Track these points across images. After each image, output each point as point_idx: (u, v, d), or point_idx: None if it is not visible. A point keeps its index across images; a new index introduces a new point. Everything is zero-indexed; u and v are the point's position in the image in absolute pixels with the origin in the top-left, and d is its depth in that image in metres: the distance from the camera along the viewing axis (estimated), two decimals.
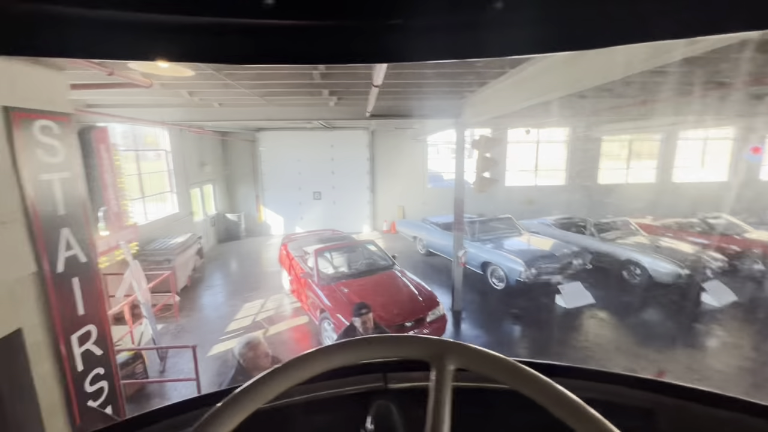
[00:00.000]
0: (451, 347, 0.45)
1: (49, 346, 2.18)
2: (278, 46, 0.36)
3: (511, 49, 0.41)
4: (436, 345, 0.46)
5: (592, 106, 6.36)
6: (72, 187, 2.37)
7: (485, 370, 0.44)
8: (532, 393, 0.41)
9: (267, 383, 0.42)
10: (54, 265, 2.20)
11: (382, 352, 0.47)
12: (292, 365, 0.44)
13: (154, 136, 9.41)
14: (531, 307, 7.02)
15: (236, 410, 0.40)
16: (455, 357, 0.44)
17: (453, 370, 0.44)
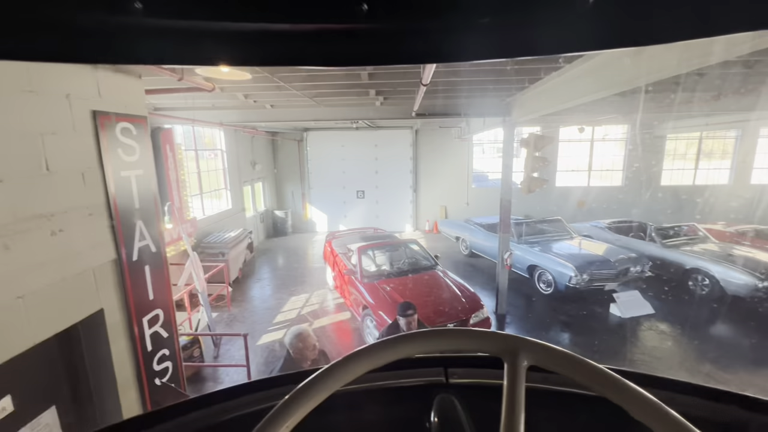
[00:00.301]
0: (526, 343, 0.45)
1: (124, 326, 2.42)
2: (371, 49, 0.38)
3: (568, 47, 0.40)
4: (509, 340, 0.46)
5: (657, 102, 5.88)
6: (145, 184, 2.60)
7: (562, 369, 0.43)
8: (618, 399, 0.40)
9: (345, 367, 0.44)
10: (130, 253, 2.44)
11: (452, 345, 0.47)
12: (367, 351, 0.46)
13: (212, 136, 10.06)
14: (582, 314, 6.65)
15: (317, 391, 0.42)
16: (530, 354, 0.44)
17: (526, 368, 0.44)
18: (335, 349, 5.61)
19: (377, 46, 0.39)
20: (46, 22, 0.34)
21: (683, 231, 8.45)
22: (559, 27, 0.37)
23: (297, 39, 0.38)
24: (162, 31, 0.36)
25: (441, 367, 0.71)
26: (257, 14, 0.35)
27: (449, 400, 0.64)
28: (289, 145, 13.25)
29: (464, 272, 8.75)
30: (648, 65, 2.94)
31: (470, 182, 13.22)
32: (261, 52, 0.39)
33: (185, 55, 0.39)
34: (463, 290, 5.60)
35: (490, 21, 0.36)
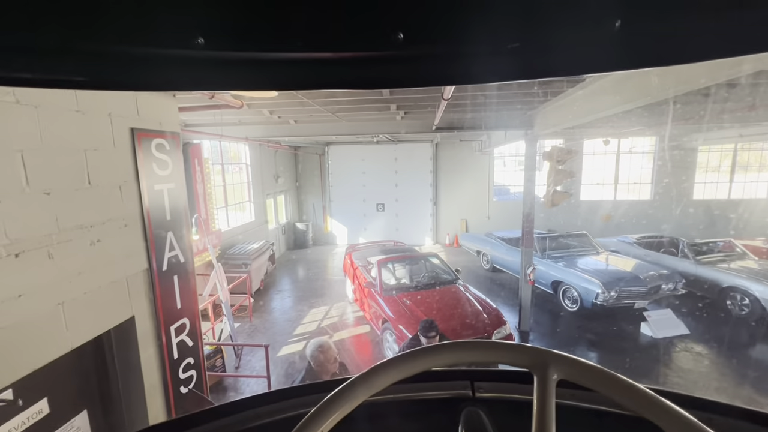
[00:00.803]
0: (556, 357, 0.45)
1: (153, 334, 2.50)
2: (406, 73, 0.41)
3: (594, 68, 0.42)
4: (539, 353, 0.46)
5: (685, 114, 5.71)
6: (176, 196, 2.72)
7: (595, 384, 0.43)
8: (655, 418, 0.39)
9: (374, 376, 0.46)
10: (160, 263, 2.54)
11: (481, 357, 0.48)
12: (395, 362, 0.47)
13: (237, 151, 10.41)
14: (610, 333, 6.38)
15: (347, 399, 0.44)
16: (560, 367, 0.44)
17: (556, 382, 0.44)
18: (355, 363, 5.58)
19: (412, 70, 0.41)
20: (120, 56, 0.39)
21: (719, 247, 8.04)
22: (585, 49, 0.39)
23: (339, 65, 0.41)
24: (221, 62, 0.40)
25: (467, 380, 0.71)
26: (304, 45, 0.38)
27: (476, 414, 0.64)
28: (311, 158, 13.53)
29: (486, 287, 8.59)
30: (674, 78, 2.88)
31: (491, 195, 13.08)
32: (305, 78, 0.43)
33: (241, 83, 0.43)
34: (484, 305, 5.49)
35: (519, 45, 0.38)
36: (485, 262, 10.06)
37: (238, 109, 3.37)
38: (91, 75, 0.40)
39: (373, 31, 0.37)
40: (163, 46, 0.37)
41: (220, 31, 0.37)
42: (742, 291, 6.72)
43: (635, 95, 3.25)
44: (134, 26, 0.36)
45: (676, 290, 6.90)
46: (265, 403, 0.74)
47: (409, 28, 0.36)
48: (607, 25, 0.36)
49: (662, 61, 0.40)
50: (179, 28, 0.36)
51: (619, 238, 9.39)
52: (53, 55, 0.37)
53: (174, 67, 0.40)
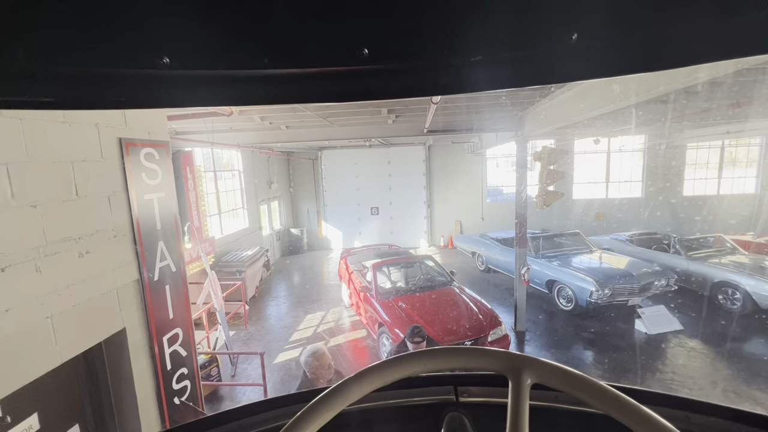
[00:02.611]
0: (529, 361, 0.46)
1: (145, 345, 2.47)
2: (373, 86, 0.42)
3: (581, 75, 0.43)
4: (512, 358, 0.46)
5: (675, 111, 5.80)
6: (166, 206, 2.70)
7: (566, 387, 0.43)
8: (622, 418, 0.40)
9: (352, 385, 0.46)
10: (152, 273, 2.51)
11: (457, 363, 0.48)
12: (372, 371, 0.47)
13: (229, 158, 10.37)
14: (605, 330, 6.42)
15: (326, 409, 0.44)
16: (533, 372, 0.45)
17: (530, 386, 0.44)
18: (351, 368, 5.55)
19: (379, 83, 0.42)
20: (88, 76, 0.39)
21: (709, 242, 8.15)
22: (544, 60, 0.40)
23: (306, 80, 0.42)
24: (187, 79, 0.40)
25: (451, 385, 0.71)
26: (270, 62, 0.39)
27: (459, 419, 0.64)
28: (304, 164, 13.52)
29: (481, 288, 8.62)
30: (658, 78, 2.93)
31: (485, 197, 13.15)
32: (274, 93, 0.43)
33: (206, 98, 0.44)
34: (480, 307, 5.50)
35: (482, 59, 0.39)
36: (480, 263, 10.10)
37: (228, 116, 3.37)
38: (57, 95, 0.40)
39: (339, 48, 0.38)
40: (128, 66, 0.38)
41: (185, 50, 0.38)
42: (732, 285, 6.81)
43: (622, 96, 3.30)
44: (99, 48, 0.36)
45: (669, 286, 6.97)
46: (250, 414, 0.74)
47: (373, 44, 0.37)
48: (564, 38, 0.37)
49: (617, 71, 0.42)
50: (143, 48, 0.37)
51: (612, 236, 9.48)
52: (24, 77, 0.38)
53: (140, 86, 0.40)
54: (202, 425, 0.73)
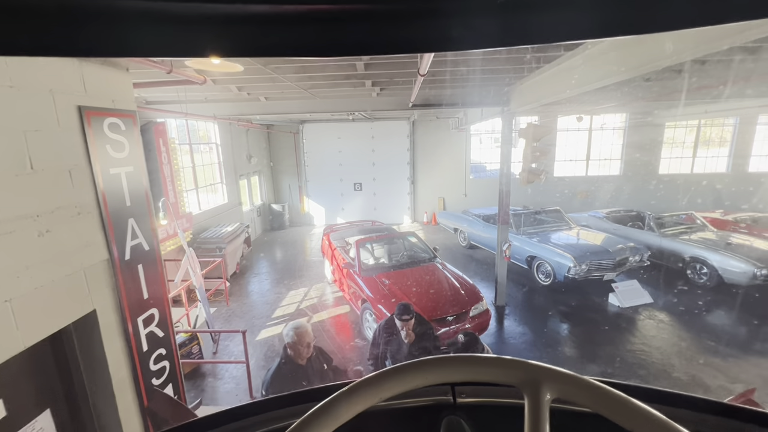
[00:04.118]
0: (549, 373, 0.40)
1: (119, 327, 2.37)
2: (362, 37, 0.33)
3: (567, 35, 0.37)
4: (529, 370, 0.41)
5: (658, 90, 5.81)
6: (136, 180, 2.53)
7: (593, 404, 0.38)
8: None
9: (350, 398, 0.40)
10: (122, 252, 2.38)
11: (468, 374, 0.43)
12: (372, 382, 0.41)
13: (206, 130, 9.92)
14: (580, 304, 6.66)
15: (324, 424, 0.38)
16: (554, 386, 0.39)
17: (550, 401, 0.39)
18: (335, 343, 5.60)
19: (371, 31, 0.33)
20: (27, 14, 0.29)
21: (681, 220, 8.46)
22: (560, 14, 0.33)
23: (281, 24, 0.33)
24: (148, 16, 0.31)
25: (448, 386, 0.66)
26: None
27: (457, 422, 0.59)
28: (285, 137, 13.12)
29: (463, 264, 8.75)
30: (649, 54, 2.87)
31: (468, 173, 13.16)
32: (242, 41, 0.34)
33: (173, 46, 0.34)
34: (462, 282, 5.58)
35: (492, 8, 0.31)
36: (462, 239, 10.21)
37: (201, 85, 3.14)
38: None
39: None
40: None
41: None
42: (701, 261, 7.12)
43: (610, 72, 3.24)
44: None
45: (642, 262, 7.24)
46: (245, 416, 0.67)
47: None
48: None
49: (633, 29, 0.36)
50: None
51: (590, 213, 9.70)
52: None
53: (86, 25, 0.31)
54: (194, 428, 0.67)
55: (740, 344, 5.36)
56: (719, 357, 5.00)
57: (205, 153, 9.93)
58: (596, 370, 4.79)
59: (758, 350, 5.20)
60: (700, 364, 4.87)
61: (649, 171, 12.87)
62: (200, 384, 4.76)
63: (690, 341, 5.44)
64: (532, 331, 5.91)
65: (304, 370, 2.62)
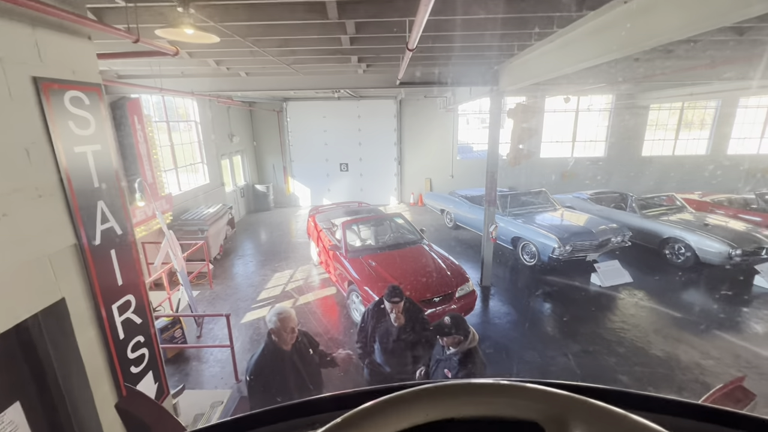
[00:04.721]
0: (576, 406, 0.33)
1: (91, 315, 2.25)
2: None
3: None
4: (551, 400, 0.33)
5: (646, 70, 5.77)
6: (104, 160, 2.36)
7: None
8: None
9: None
10: (92, 237, 2.23)
11: (463, 407, 0.35)
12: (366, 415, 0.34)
13: (184, 107, 9.49)
14: (563, 284, 6.80)
15: None
16: (583, 423, 0.32)
17: None
18: (321, 326, 5.58)
19: None
20: None
21: (662, 201, 8.63)
22: None
23: None
24: None
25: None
26: None
27: None
28: (268, 116, 12.70)
29: (450, 245, 8.78)
30: (642, 31, 2.79)
31: (455, 154, 13.08)
32: None
33: None
34: (448, 264, 5.58)
35: None
36: (449, 220, 10.23)
37: (173, 57, 2.91)
38: None
39: None
40: None
41: None
42: (679, 241, 7.31)
43: (603, 50, 3.16)
44: None
45: (624, 242, 7.39)
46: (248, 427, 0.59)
47: None
48: None
49: None
50: None
51: (575, 194, 9.81)
52: None
53: None
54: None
55: (713, 321, 5.57)
56: (693, 334, 5.19)
57: (184, 132, 9.53)
58: (577, 348, 4.91)
59: (730, 327, 5.42)
60: (676, 340, 5.05)
61: (633, 153, 13.03)
62: (184, 368, 4.69)
63: (667, 319, 5.62)
64: (517, 310, 6.01)
65: (288, 355, 2.57)
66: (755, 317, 5.67)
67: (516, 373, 4.48)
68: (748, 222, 7.85)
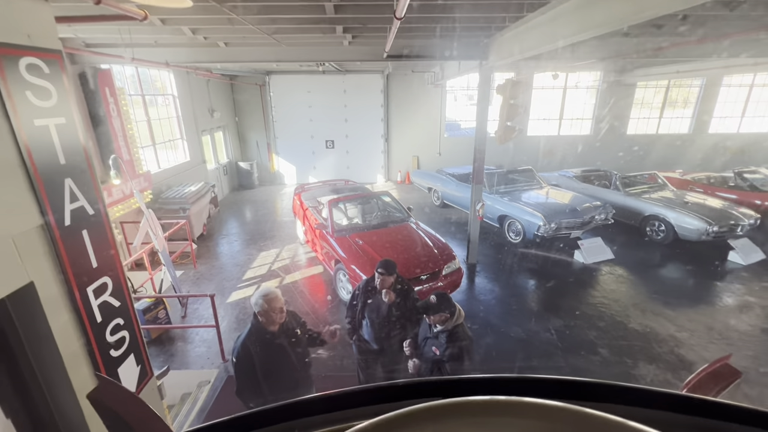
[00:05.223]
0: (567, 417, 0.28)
1: (64, 298, 2.15)
2: None
3: None
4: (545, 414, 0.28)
5: (636, 46, 5.70)
6: (70, 134, 2.19)
7: None
8: None
9: None
10: (60, 217, 2.10)
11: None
12: None
13: (161, 80, 9.02)
14: (547, 261, 6.92)
15: None
16: None
17: None
18: (309, 304, 5.57)
19: None
20: None
21: (644, 179, 8.76)
22: None
23: None
24: None
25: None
26: None
27: None
28: (251, 90, 12.23)
29: (437, 223, 8.80)
30: (633, 5, 2.71)
31: (443, 131, 12.92)
32: None
33: None
34: (435, 242, 5.59)
35: None
36: (436, 198, 10.21)
37: (143, 23, 2.68)
38: None
39: None
40: None
41: None
42: (660, 218, 7.49)
43: (596, 23, 3.06)
44: None
45: (607, 220, 7.52)
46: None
47: None
48: None
49: None
50: None
51: (561, 173, 9.88)
52: None
53: None
54: None
55: (689, 296, 5.79)
56: (670, 308, 5.38)
57: (162, 106, 9.10)
58: (559, 323, 5.05)
59: (705, 301, 5.65)
60: (653, 314, 5.24)
61: (618, 131, 13.11)
62: (170, 349, 4.64)
63: (645, 294, 5.81)
64: (501, 287, 6.11)
65: (276, 336, 2.53)
66: (728, 291, 5.91)
67: (502, 348, 4.58)
68: (725, 200, 8.07)
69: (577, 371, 4.14)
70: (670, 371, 4.14)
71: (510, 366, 4.25)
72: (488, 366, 4.23)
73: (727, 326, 4.96)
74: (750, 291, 5.84)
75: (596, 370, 4.18)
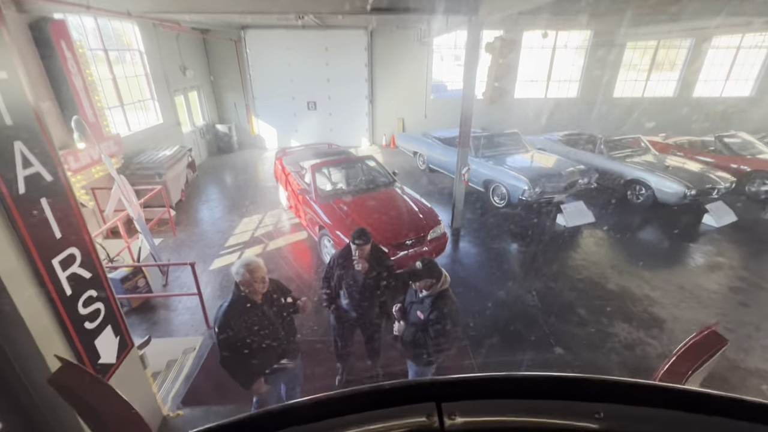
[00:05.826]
0: None
1: (27, 272, 2.02)
2: None
3: None
4: None
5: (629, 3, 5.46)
6: (15, 92, 1.96)
7: None
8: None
9: None
10: (12, 186, 1.92)
11: None
12: None
13: (125, 34, 8.29)
14: (531, 225, 7.01)
15: None
16: None
17: None
18: (294, 271, 5.54)
19: None
20: None
21: (628, 143, 8.79)
22: None
23: None
24: None
25: (432, 401, 0.48)
26: None
27: None
28: (226, 46, 11.44)
29: (422, 188, 8.72)
30: None
31: (429, 93, 12.52)
32: None
33: None
34: (420, 207, 5.54)
35: None
36: (421, 162, 10.07)
37: None
38: None
39: None
40: None
41: None
42: (641, 182, 7.60)
43: None
44: None
45: (590, 184, 7.59)
46: None
47: None
48: None
49: None
50: None
51: (546, 136, 9.80)
52: None
53: None
54: None
55: (664, 257, 6.00)
56: (645, 269, 5.58)
57: (129, 64, 8.43)
58: (541, 284, 5.18)
59: (679, 262, 5.87)
60: (629, 275, 5.42)
61: (605, 94, 12.97)
62: (152, 317, 4.57)
63: (623, 256, 5.99)
64: (485, 251, 6.19)
65: (259, 306, 2.48)
66: (700, 252, 6.15)
67: (484, 310, 4.69)
68: (704, 163, 8.21)
69: (556, 332, 4.29)
70: (643, 329, 4.34)
71: (493, 329, 4.37)
72: (472, 331, 4.34)
73: (698, 285, 5.18)
74: (720, 252, 6.09)
75: (574, 330, 4.34)
